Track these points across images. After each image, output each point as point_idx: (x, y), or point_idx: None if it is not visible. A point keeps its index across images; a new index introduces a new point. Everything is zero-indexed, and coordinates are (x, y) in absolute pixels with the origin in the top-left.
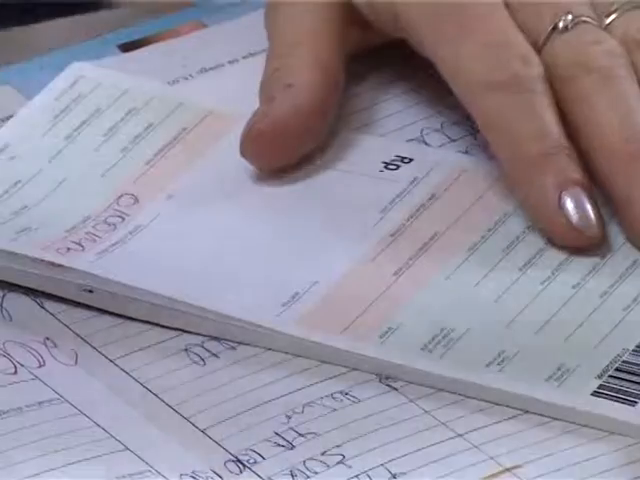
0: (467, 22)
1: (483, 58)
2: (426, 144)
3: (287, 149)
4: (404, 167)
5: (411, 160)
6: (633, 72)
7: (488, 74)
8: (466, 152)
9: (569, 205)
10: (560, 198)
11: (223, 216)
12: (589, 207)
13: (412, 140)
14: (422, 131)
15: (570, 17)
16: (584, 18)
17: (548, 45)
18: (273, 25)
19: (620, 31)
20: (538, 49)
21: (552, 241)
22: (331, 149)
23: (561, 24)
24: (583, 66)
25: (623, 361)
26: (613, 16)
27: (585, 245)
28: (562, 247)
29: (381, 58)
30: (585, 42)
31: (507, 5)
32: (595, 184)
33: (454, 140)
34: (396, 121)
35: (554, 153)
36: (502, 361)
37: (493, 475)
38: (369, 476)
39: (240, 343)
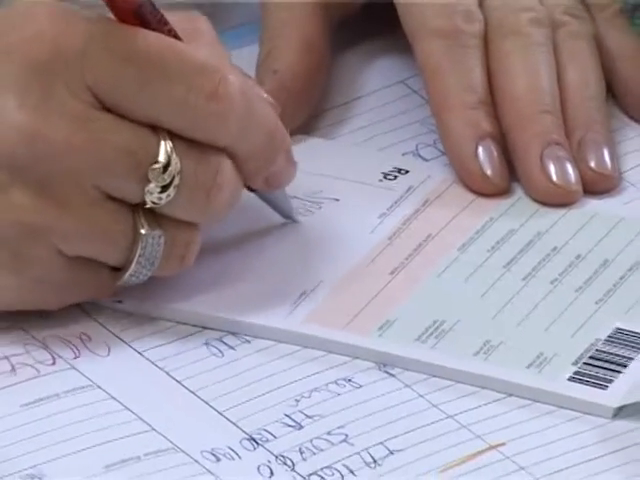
0: None
1: (433, 6)
2: (421, 157)
3: None
4: (401, 177)
5: (407, 171)
6: (550, 43)
7: (434, 21)
8: None
9: (482, 155)
10: (476, 148)
11: (236, 227)
12: (498, 159)
13: (408, 154)
14: (417, 146)
15: None
16: None
17: (488, 1)
18: (265, 7)
19: (549, 7)
20: (480, 1)
21: (467, 186)
22: (337, 160)
23: None
24: (510, 28)
25: (596, 350)
26: None
27: (491, 192)
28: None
29: (381, 81)
30: (517, 7)
31: None
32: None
33: (445, 154)
34: (394, 137)
35: (476, 108)
36: (488, 350)
37: (479, 452)
38: (369, 453)
39: (255, 337)
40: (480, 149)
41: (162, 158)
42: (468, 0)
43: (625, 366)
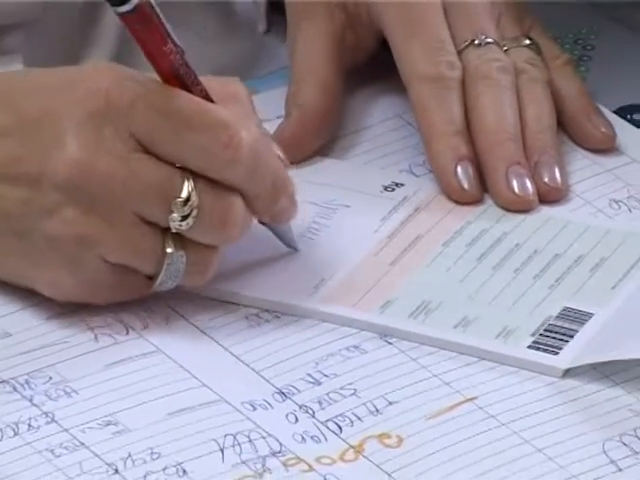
0: (416, 26)
1: (423, 57)
2: (413, 174)
3: (302, 148)
4: (398, 189)
5: (403, 185)
6: (514, 86)
7: (423, 69)
8: None
9: (460, 173)
10: (455, 167)
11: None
12: (473, 176)
13: (403, 171)
14: (410, 165)
15: (483, 37)
16: (492, 40)
17: (465, 52)
18: (292, 56)
19: (513, 57)
20: (459, 51)
21: (449, 196)
22: (347, 176)
23: (477, 41)
24: (482, 74)
25: (549, 324)
26: (512, 45)
27: (468, 201)
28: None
29: (382, 115)
30: (488, 58)
31: (445, 12)
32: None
33: (432, 172)
34: (392, 158)
35: (455, 136)
36: (465, 324)
37: (458, 403)
38: (373, 404)
39: (283, 313)
40: (459, 168)
41: (184, 194)
42: (450, 52)
43: (572, 337)
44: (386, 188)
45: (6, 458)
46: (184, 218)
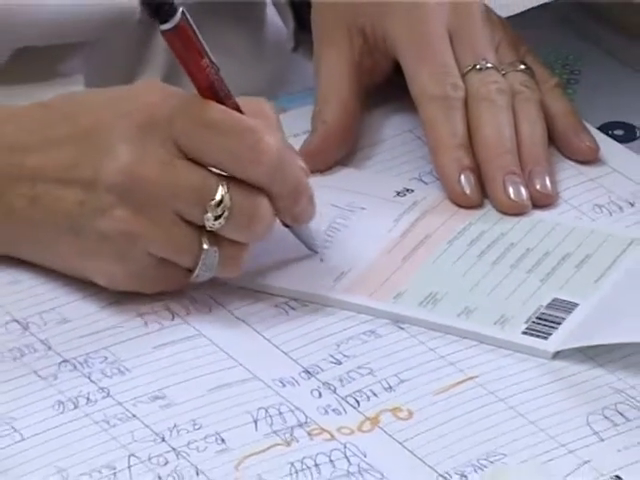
0: (425, 52)
1: (431, 79)
2: (422, 182)
3: (326, 158)
4: (408, 195)
5: (413, 190)
6: (510, 106)
7: (431, 90)
8: None
9: (463, 181)
10: (459, 176)
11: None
12: (474, 183)
13: (413, 179)
14: (419, 174)
15: (484, 62)
16: (491, 65)
17: (468, 76)
18: (317, 77)
19: (510, 80)
20: (462, 75)
21: (453, 202)
22: (365, 183)
23: (478, 66)
24: (483, 95)
25: (540, 312)
26: (509, 69)
27: (469, 205)
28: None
29: (395, 130)
30: (488, 80)
31: (451, 40)
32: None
33: (438, 179)
34: (404, 168)
35: (459, 149)
36: (467, 312)
37: (460, 381)
38: (387, 381)
39: (310, 302)
40: (462, 177)
41: (218, 197)
42: (455, 75)
43: (560, 324)
44: (398, 193)
45: (67, 428)
46: (217, 218)
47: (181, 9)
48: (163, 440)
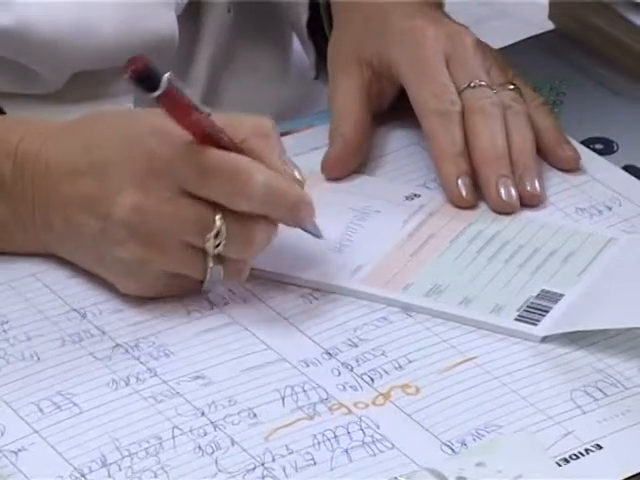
0: (425, 75)
1: (431, 97)
2: (427, 187)
3: (343, 167)
4: (416, 199)
5: (419, 195)
6: (502, 117)
7: (432, 105)
8: None
9: (461, 185)
10: (457, 180)
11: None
12: (470, 187)
13: (420, 185)
14: (425, 181)
15: (477, 81)
16: (484, 84)
17: (464, 93)
18: (332, 101)
19: (501, 97)
20: (459, 92)
21: (452, 203)
22: (377, 188)
23: (472, 84)
24: (478, 108)
25: (531, 302)
26: (500, 88)
27: (467, 206)
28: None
29: (402, 142)
30: (482, 96)
31: (447, 64)
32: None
33: (441, 185)
34: (411, 175)
35: (458, 156)
36: (467, 302)
37: (461, 362)
38: (397, 362)
39: (329, 292)
40: (460, 181)
41: (215, 229)
42: (452, 92)
43: (547, 312)
44: (407, 198)
45: (120, 403)
46: (217, 246)
47: (166, 76)
48: (203, 414)
